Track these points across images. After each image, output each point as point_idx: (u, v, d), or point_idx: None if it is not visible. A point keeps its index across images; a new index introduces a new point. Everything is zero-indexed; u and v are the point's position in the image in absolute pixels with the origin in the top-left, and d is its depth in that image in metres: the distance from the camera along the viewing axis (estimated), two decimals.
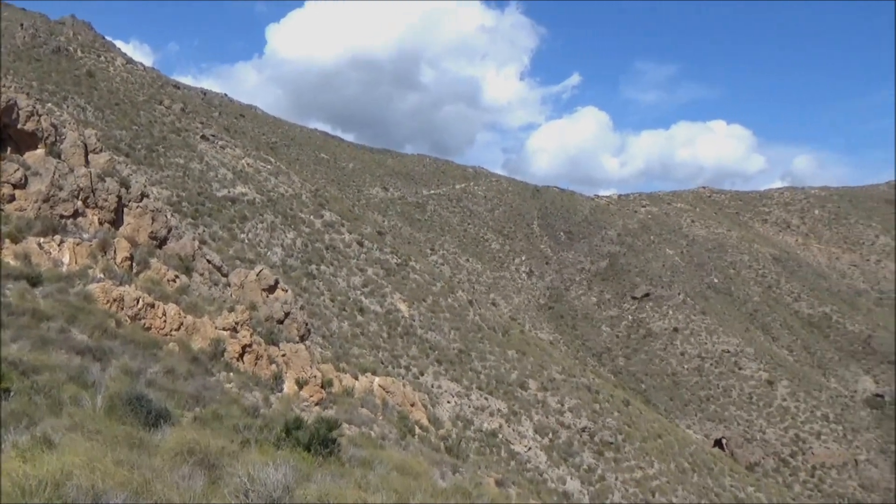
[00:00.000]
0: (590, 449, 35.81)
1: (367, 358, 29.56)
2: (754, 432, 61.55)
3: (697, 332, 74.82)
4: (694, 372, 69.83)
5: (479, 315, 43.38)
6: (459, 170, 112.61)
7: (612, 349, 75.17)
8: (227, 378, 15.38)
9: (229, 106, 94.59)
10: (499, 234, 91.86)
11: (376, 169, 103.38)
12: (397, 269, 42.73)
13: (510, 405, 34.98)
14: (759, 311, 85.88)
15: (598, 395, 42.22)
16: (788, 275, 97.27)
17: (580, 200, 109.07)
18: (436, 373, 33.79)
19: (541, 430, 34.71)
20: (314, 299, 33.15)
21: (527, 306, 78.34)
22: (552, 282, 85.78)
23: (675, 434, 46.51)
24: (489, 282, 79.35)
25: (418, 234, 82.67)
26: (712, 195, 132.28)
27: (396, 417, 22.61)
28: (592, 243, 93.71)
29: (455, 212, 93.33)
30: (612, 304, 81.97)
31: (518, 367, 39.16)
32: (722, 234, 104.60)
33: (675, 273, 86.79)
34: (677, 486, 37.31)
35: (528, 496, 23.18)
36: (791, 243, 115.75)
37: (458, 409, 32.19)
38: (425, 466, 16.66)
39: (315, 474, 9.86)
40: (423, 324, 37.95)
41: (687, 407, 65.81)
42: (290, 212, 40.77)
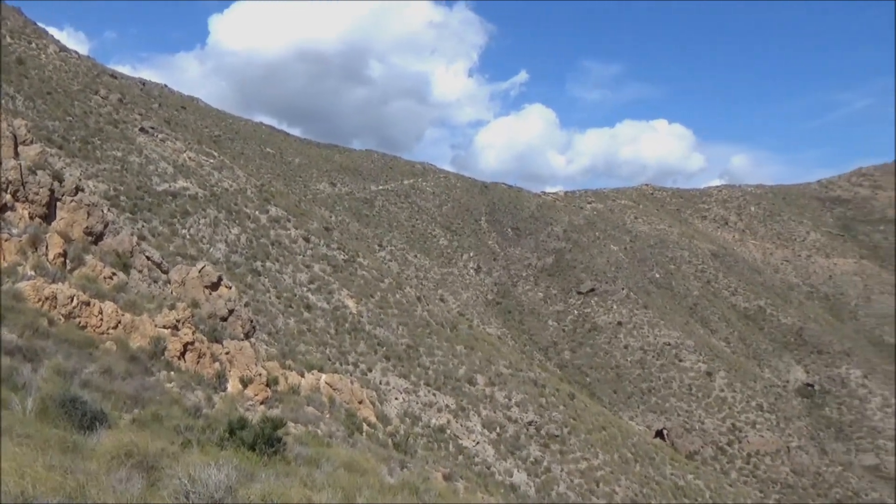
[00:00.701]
0: (536, 442, 36.33)
1: (314, 355, 29.22)
2: (694, 422, 63.61)
3: (640, 325, 76.74)
4: (637, 365, 71.63)
5: (427, 311, 43.41)
6: (408, 166, 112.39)
7: (558, 343, 76.40)
8: (167, 377, 14.96)
9: (170, 97, 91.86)
10: (447, 230, 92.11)
11: (323, 164, 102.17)
12: (345, 265, 42.36)
13: (458, 400, 35.16)
14: (699, 305, 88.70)
15: (544, 389, 42.85)
16: (726, 270, 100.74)
17: (527, 197, 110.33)
18: (384, 369, 33.68)
19: (488, 424, 35.03)
20: (259, 296, 32.57)
21: (475, 302, 78.85)
22: (500, 277, 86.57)
23: (618, 426, 47.65)
24: (437, 278, 79.51)
25: (366, 230, 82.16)
26: (655, 192, 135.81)
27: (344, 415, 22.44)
28: (539, 239, 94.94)
29: (403, 208, 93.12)
30: (558, 300, 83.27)
31: (466, 363, 39.39)
32: (664, 231, 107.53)
33: (619, 268, 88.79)
34: (620, 475, 38.25)
35: (475, 490, 23.37)
36: (728, 239, 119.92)
37: (406, 405, 32.17)
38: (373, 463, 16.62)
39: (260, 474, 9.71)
40: (371, 320, 37.76)
41: (630, 399, 67.48)
42: (235, 207, 39.92)
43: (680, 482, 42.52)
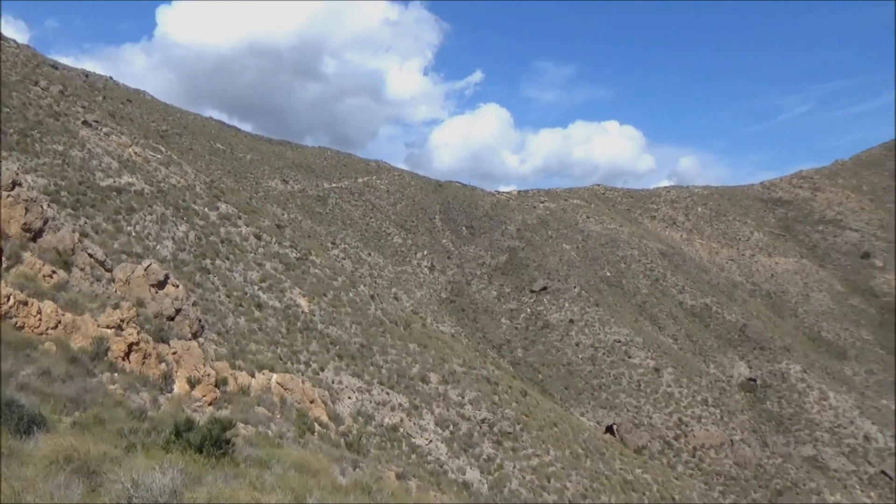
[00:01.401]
0: (489, 439, 36.58)
1: (265, 354, 28.75)
2: (642, 418, 65.04)
3: (591, 323, 78.04)
4: (588, 361, 72.84)
5: (380, 309, 43.21)
6: (362, 163, 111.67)
7: (511, 341, 77.08)
8: (110, 379, 14.51)
9: (115, 90, 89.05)
10: (401, 228, 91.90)
11: (275, 161, 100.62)
12: (297, 263, 41.81)
13: (411, 399, 35.11)
14: (648, 303, 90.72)
15: (497, 387, 43.16)
16: (674, 268, 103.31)
17: (481, 196, 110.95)
18: (337, 368, 33.38)
19: (441, 422, 35.09)
20: (208, 295, 31.86)
21: (428, 300, 78.89)
22: (454, 276, 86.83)
23: (569, 422, 48.36)
24: (391, 276, 79.26)
25: (319, 228, 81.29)
26: (606, 192, 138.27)
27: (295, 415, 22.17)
28: (493, 238, 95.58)
29: (357, 206, 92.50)
30: (511, 298, 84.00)
31: (419, 361, 39.37)
32: (614, 230, 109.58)
33: (571, 267, 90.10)
34: (571, 471, 38.84)
35: (428, 488, 23.40)
36: (677, 239, 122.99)
37: (359, 404, 31.96)
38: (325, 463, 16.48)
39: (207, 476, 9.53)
40: (324, 319, 37.37)
41: (581, 395, 68.58)
42: (183, 203, 38.94)
43: (629, 476, 43.43)
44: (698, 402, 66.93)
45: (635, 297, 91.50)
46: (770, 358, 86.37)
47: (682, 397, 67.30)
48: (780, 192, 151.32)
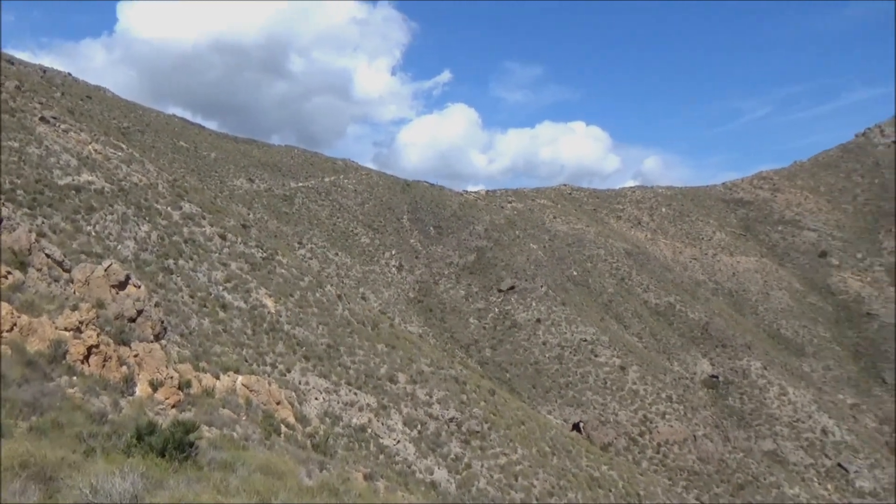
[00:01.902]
0: (457, 438, 36.65)
1: (230, 356, 28.36)
2: (608, 415, 65.87)
3: (558, 322, 78.75)
4: (555, 360, 73.47)
5: (348, 310, 42.96)
6: (329, 162, 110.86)
7: (479, 341, 77.34)
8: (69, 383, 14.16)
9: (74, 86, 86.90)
10: (369, 228, 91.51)
11: (241, 159, 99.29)
12: (263, 263, 41.32)
13: (379, 399, 34.99)
14: (613, 302, 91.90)
15: (465, 386, 43.26)
16: (639, 268, 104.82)
17: (449, 195, 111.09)
18: (303, 369, 33.08)
19: (409, 422, 35.05)
20: (171, 295, 31.29)
21: (396, 300, 78.70)
22: (421, 276, 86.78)
23: (537, 420, 48.73)
24: (359, 276, 78.86)
25: (286, 228, 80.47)
26: (572, 192, 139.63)
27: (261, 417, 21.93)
28: (461, 238, 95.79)
29: (324, 205, 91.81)
30: (479, 297, 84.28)
31: (387, 361, 39.25)
32: (581, 230, 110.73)
33: (539, 266, 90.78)
34: (539, 469, 39.14)
35: (396, 488, 23.35)
36: (641, 238, 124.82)
37: (326, 405, 31.73)
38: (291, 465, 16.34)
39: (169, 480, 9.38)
40: (291, 319, 37.00)
41: (548, 394, 69.15)
42: (145, 203, 38.18)
43: (595, 473, 43.94)
44: (663, 399, 68.03)
45: (601, 296, 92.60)
46: (732, 355, 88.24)
47: (646, 394, 68.33)
48: (741, 193, 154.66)
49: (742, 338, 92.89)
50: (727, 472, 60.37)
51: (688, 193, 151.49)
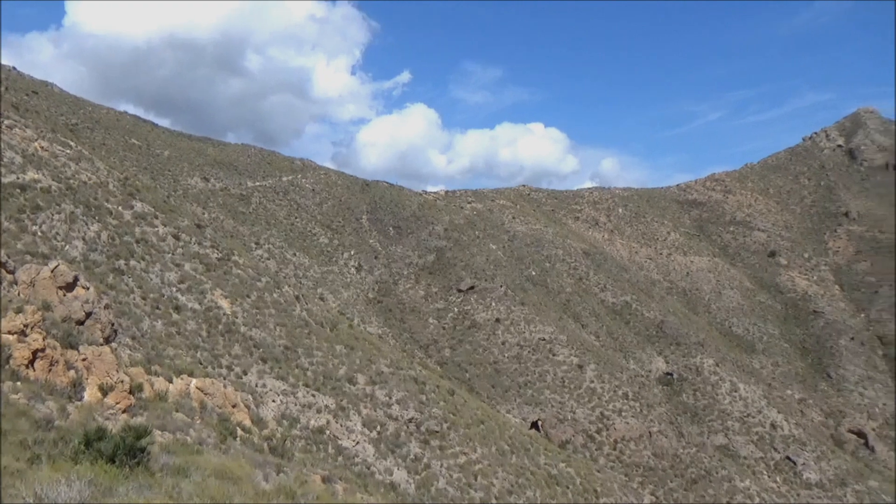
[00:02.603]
0: (416, 439, 36.58)
1: (184, 359, 27.73)
2: (566, 413, 66.65)
3: (517, 322, 79.34)
4: (514, 360, 74.01)
5: (306, 310, 42.46)
6: (287, 161, 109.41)
7: (438, 341, 77.39)
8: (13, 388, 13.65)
9: (19, 81, 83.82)
10: (327, 228, 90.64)
11: (195, 158, 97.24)
12: (218, 263, 40.53)
13: (338, 401, 34.68)
14: (571, 301, 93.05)
15: (424, 386, 43.21)
16: (596, 267, 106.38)
17: (409, 195, 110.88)
18: (260, 371, 32.56)
19: (369, 423, 34.83)
20: (122, 297, 30.43)
21: (355, 301, 78.16)
22: (381, 276, 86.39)
23: (496, 419, 48.99)
24: (317, 276, 78.05)
25: (242, 228, 79.13)
26: (531, 193, 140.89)
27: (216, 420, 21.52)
28: (420, 238, 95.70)
29: (282, 205, 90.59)
30: (438, 297, 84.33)
31: (346, 362, 38.93)
32: (539, 230, 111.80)
33: (498, 267, 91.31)
34: (498, 468, 39.35)
35: (354, 490, 23.17)
36: (599, 239, 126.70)
37: (283, 407, 31.30)
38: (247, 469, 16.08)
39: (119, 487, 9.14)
40: (247, 321, 36.38)
41: (507, 393, 69.61)
42: (94, 202, 37.05)
43: (553, 471, 44.39)
44: (619, 396, 69.16)
45: (559, 295, 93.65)
46: (685, 353, 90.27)
47: (603, 392, 69.37)
48: (694, 195, 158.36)
49: (695, 336, 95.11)
50: (681, 466, 61.72)
51: (643, 195, 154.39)
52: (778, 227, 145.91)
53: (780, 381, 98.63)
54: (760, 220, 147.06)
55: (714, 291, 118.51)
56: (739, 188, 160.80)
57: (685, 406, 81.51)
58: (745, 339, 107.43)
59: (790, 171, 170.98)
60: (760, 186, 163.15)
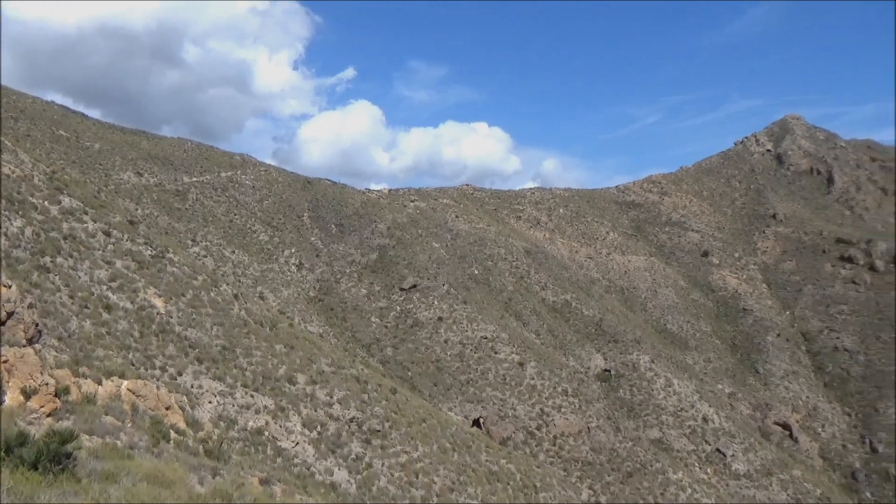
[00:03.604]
0: (357, 438, 36.34)
1: (115, 360, 26.72)
2: (507, 410, 67.43)
3: (459, 320, 79.76)
4: (456, 358, 74.38)
5: (244, 309, 41.57)
6: (225, 157, 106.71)
7: (380, 339, 77.04)
8: None
9: None
10: (267, 225, 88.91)
11: (128, 151, 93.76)
12: (152, 261, 39.22)
13: (277, 401, 34.10)
14: (513, 300, 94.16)
15: (366, 385, 42.96)
16: (537, 266, 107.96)
17: (351, 193, 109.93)
18: (196, 372, 31.69)
19: (309, 423, 34.39)
20: (48, 296, 29.09)
21: (296, 299, 76.97)
22: (322, 274, 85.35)
23: (438, 417, 49.13)
24: (256, 274, 76.49)
25: (178, 225, 76.79)
26: (474, 192, 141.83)
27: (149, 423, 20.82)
28: (363, 236, 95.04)
29: (220, 201, 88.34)
30: (381, 296, 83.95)
31: (286, 362, 38.31)
32: (482, 229, 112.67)
33: (441, 265, 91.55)
34: (439, 465, 39.49)
35: (293, 492, 22.83)
36: (540, 238, 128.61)
37: (220, 408, 30.57)
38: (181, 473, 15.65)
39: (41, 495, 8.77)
40: (182, 320, 35.34)
41: (449, 391, 69.91)
42: (18, 196, 35.28)
43: (494, 467, 44.85)
44: (559, 392, 70.41)
45: (501, 294, 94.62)
46: (623, 350, 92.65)
47: (544, 389, 70.48)
48: (632, 196, 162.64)
49: (632, 333, 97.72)
50: (617, 460, 63.31)
51: (584, 195, 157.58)
52: (711, 227, 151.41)
53: (712, 376, 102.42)
54: (694, 221, 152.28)
55: (650, 290, 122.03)
56: (675, 190, 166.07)
57: (622, 401, 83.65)
58: (679, 336, 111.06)
59: (722, 174, 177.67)
60: (695, 189, 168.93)
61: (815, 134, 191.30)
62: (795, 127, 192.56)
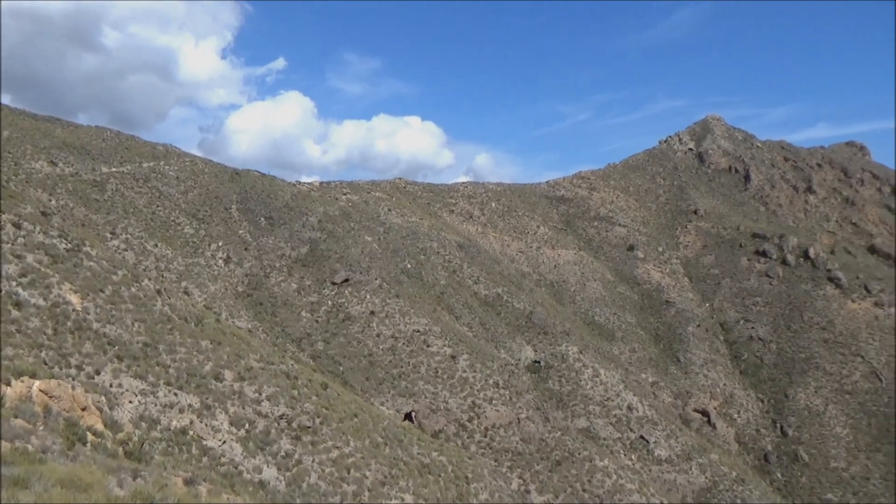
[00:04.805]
0: (287, 435, 35.75)
1: (26, 359, 25.31)
2: (439, 403, 67.81)
3: (392, 314, 79.54)
4: (388, 352, 74.18)
5: (168, 305, 40.12)
6: (147, 147, 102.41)
7: (311, 334, 75.95)
8: None
9: None
10: (193, 217, 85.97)
11: (41, 139, 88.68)
12: (67, 255, 37.31)
13: (203, 399, 33.12)
14: (445, 294, 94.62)
15: (296, 381, 42.29)
16: (470, 260, 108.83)
17: (282, 186, 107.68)
18: (115, 370, 30.39)
19: (236, 421, 33.57)
20: None
21: (224, 294, 74.85)
22: (251, 268, 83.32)
23: (370, 412, 48.91)
24: (181, 269, 73.90)
25: (96, 217, 73.27)
26: (407, 186, 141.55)
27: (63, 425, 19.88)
28: (293, 229, 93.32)
29: (142, 193, 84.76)
30: (312, 290, 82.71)
31: (213, 359, 37.25)
32: (415, 223, 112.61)
33: (373, 259, 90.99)
34: (371, 460, 39.35)
35: (220, 491, 22.26)
36: (472, 232, 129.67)
37: (142, 408, 29.44)
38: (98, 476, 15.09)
39: None
40: (101, 317, 33.78)
41: (381, 385, 69.69)
42: None
43: (426, 460, 45.04)
44: (490, 385, 71.31)
45: (434, 287, 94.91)
46: (552, 341, 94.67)
47: (475, 381, 71.23)
48: (562, 191, 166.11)
49: (562, 325, 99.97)
50: (546, 450, 64.73)
51: (515, 190, 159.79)
52: (636, 222, 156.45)
53: (636, 366, 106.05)
54: (621, 217, 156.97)
55: (579, 283, 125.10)
56: (603, 186, 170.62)
57: (552, 392, 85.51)
58: (606, 328, 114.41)
59: (648, 171, 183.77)
60: (622, 185, 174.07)
61: (734, 134, 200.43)
62: (715, 127, 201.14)
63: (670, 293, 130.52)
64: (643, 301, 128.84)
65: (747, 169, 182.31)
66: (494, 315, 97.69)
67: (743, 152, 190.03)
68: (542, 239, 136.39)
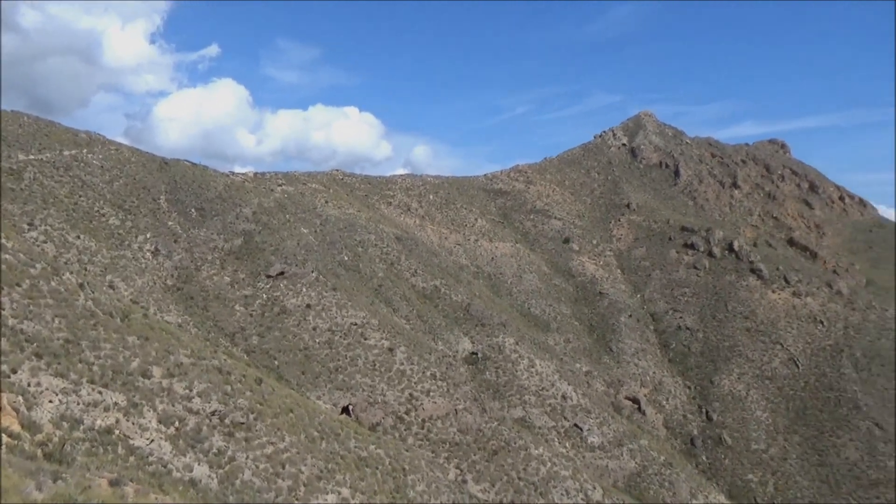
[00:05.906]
0: (220, 432, 34.87)
1: None
2: (377, 396, 67.58)
3: (329, 307, 78.65)
4: (325, 345, 73.35)
5: (92, 299, 38.40)
6: (69, 134, 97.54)
7: (245, 329, 74.31)
8: None
9: None
10: (118, 208, 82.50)
11: None
12: None
13: (129, 397, 31.90)
14: (383, 286, 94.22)
15: (229, 377, 41.27)
16: (408, 252, 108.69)
17: (214, 176, 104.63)
18: (34, 368, 28.90)
19: (165, 419, 32.49)
20: None
21: (152, 288, 72.24)
22: (181, 261, 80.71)
23: (306, 406, 48.26)
24: (106, 262, 70.87)
25: (12, 207, 69.37)
26: (345, 178, 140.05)
27: None
28: (226, 221, 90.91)
29: (63, 182, 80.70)
30: (246, 283, 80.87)
31: (140, 355, 35.89)
32: (352, 215, 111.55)
33: (310, 251, 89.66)
34: (307, 455, 38.87)
35: (148, 491, 21.55)
36: (411, 224, 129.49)
37: (63, 408, 28.11)
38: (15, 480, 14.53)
39: None
40: (17, 313, 32.02)
41: (318, 379, 68.89)
42: None
43: (363, 453, 44.84)
44: (427, 377, 71.54)
45: (371, 280, 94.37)
46: (489, 333, 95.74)
47: (413, 374, 71.32)
48: (500, 184, 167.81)
49: (498, 317, 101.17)
50: (483, 440, 65.51)
51: (453, 183, 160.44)
52: (572, 216, 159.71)
53: (571, 355, 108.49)
54: (557, 210, 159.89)
55: (516, 275, 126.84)
56: (540, 179, 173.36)
57: (488, 383, 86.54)
58: (542, 319, 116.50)
59: (583, 165, 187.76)
60: (558, 178, 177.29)
61: (665, 130, 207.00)
62: (647, 123, 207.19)
63: (604, 285, 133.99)
64: (578, 293, 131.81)
65: (677, 164, 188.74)
66: (432, 307, 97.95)
67: (673, 148, 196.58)
68: (480, 231, 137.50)
